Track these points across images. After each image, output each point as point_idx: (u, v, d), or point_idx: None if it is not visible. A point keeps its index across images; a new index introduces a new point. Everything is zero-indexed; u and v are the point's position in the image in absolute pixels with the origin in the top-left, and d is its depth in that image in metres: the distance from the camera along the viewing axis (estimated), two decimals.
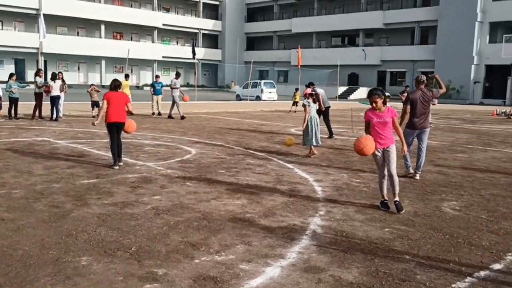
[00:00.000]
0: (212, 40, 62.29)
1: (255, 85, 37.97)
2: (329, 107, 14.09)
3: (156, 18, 54.51)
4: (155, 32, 55.62)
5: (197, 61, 35.87)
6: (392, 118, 6.12)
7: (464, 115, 26.35)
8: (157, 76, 20.91)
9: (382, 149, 6.12)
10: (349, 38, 55.96)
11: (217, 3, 61.41)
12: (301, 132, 10.34)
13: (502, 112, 27.52)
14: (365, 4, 52.49)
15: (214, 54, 60.53)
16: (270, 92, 37.55)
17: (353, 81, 52.61)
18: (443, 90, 8.90)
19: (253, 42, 64.80)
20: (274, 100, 36.54)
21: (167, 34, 58.26)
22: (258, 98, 36.90)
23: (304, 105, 10.32)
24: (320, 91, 13.18)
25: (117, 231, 5.03)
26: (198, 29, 59.17)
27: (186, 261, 4.28)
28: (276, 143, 12.38)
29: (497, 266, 4.40)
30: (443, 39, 43.98)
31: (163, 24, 55.18)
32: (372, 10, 51.72)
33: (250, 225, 5.39)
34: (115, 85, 8.67)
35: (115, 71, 52.41)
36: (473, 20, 42.00)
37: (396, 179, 6.16)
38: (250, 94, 36.83)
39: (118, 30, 53.84)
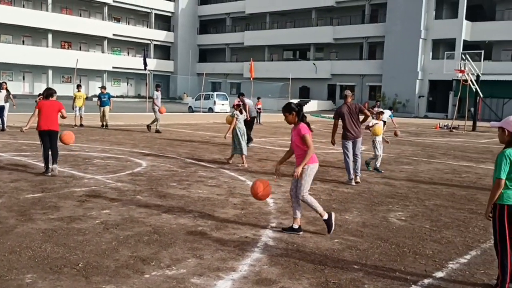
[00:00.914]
0: (164, 51, 61.77)
1: (207, 97, 37.95)
2: (255, 117, 15.65)
3: (106, 28, 53.39)
4: (105, 42, 54.48)
5: (148, 72, 35.43)
6: (299, 136, 5.48)
7: (409, 128, 27.36)
8: (103, 87, 20.47)
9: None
10: (300, 52, 57.02)
11: (169, 14, 61.03)
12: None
13: (444, 126, 28.81)
14: (316, 19, 53.72)
15: (166, 66, 59.96)
16: (222, 104, 37.62)
17: (305, 94, 53.53)
18: (366, 117, 9.60)
19: (206, 54, 64.78)
20: (226, 112, 36.54)
21: (118, 44, 57.22)
22: (210, 110, 36.87)
23: (232, 116, 10.91)
24: (248, 101, 14.43)
25: (63, 247, 4.88)
26: (149, 40, 58.49)
27: (136, 277, 4.21)
28: (228, 156, 12.37)
29: (439, 274, 4.59)
30: (389, 55, 45.64)
31: (114, 34, 54.14)
32: (323, 25, 53.03)
33: (201, 238, 5.36)
34: (48, 94, 8.94)
35: (63, 81, 50.87)
36: (417, 37, 43.88)
37: (308, 200, 5.60)
38: (202, 106, 36.76)
39: (67, 39, 52.36)
